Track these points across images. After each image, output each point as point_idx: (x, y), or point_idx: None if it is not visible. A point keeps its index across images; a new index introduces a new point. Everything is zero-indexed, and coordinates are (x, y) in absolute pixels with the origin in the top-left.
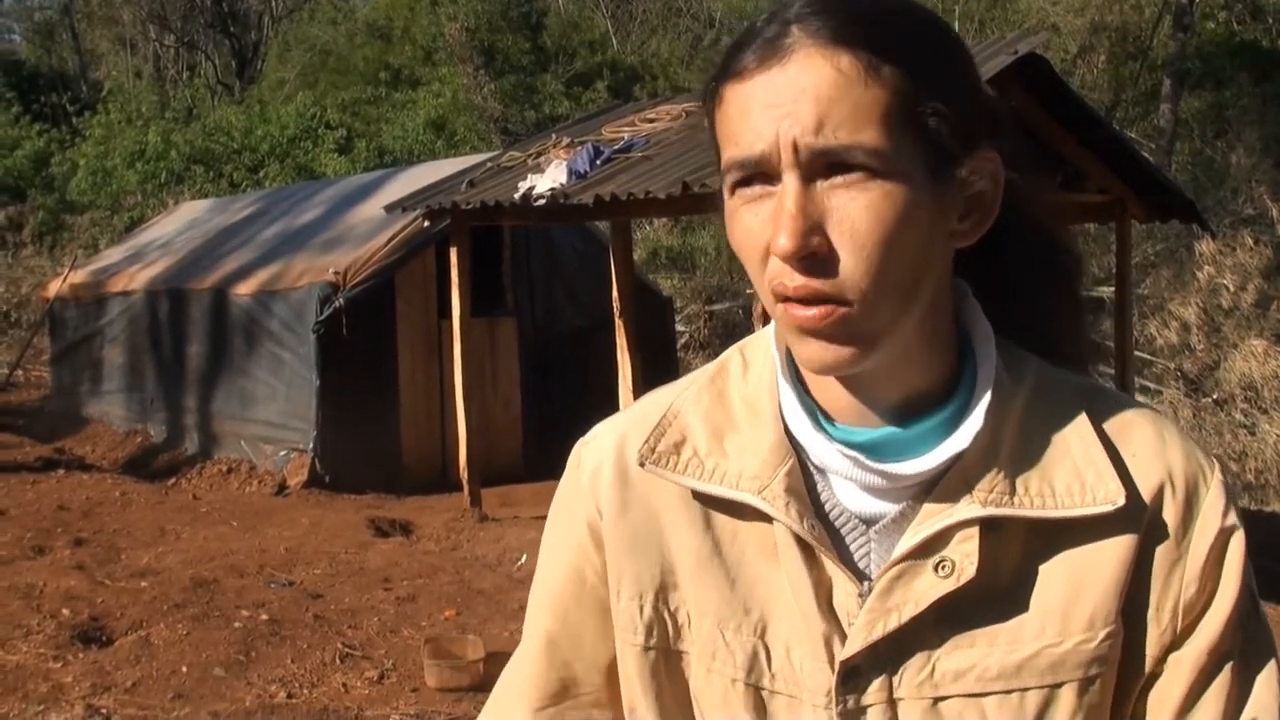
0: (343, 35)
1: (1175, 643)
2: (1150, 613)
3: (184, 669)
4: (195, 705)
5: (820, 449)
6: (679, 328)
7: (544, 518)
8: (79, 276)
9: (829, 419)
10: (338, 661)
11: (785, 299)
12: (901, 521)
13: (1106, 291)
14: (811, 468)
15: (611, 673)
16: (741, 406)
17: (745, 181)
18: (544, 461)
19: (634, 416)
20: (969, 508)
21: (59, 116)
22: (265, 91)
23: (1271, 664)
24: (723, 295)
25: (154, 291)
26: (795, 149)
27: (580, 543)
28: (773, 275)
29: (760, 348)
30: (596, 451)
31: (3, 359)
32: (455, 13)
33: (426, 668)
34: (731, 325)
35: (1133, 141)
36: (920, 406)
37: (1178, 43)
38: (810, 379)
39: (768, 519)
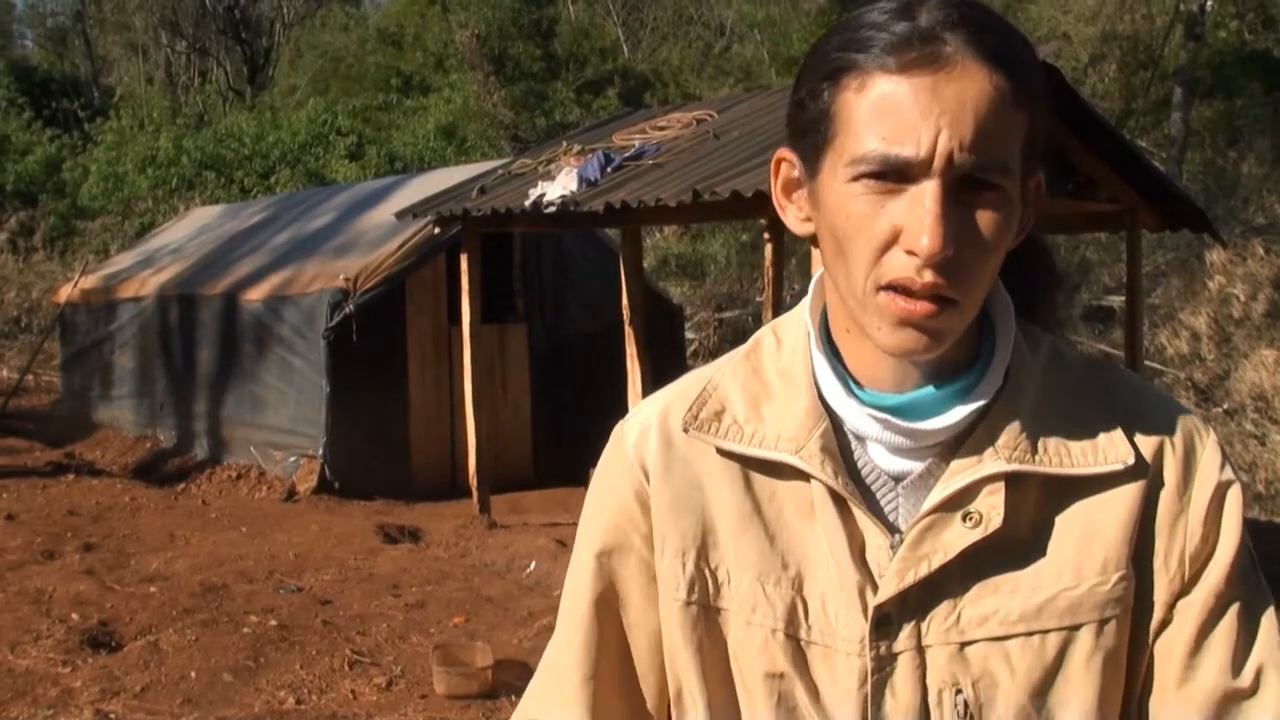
0: (354, 42)
1: (1183, 590)
2: (1158, 562)
3: (193, 674)
4: (204, 711)
5: (851, 412)
6: (689, 335)
7: (553, 524)
8: (90, 282)
9: (859, 385)
10: (346, 668)
11: (891, 289)
12: (928, 478)
13: (1117, 301)
14: (844, 430)
15: (656, 638)
16: (776, 377)
17: (876, 174)
18: (553, 468)
19: (676, 390)
20: (995, 464)
21: (71, 122)
22: (276, 98)
23: (1272, 612)
24: (732, 303)
25: (165, 297)
26: (950, 160)
27: (625, 506)
28: (895, 268)
29: (792, 325)
30: (642, 420)
31: (14, 364)
32: (466, 20)
33: (435, 674)
34: (741, 333)
35: (1144, 150)
36: (945, 374)
37: (1189, 52)
38: (845, 350)
39: (804, 479)
